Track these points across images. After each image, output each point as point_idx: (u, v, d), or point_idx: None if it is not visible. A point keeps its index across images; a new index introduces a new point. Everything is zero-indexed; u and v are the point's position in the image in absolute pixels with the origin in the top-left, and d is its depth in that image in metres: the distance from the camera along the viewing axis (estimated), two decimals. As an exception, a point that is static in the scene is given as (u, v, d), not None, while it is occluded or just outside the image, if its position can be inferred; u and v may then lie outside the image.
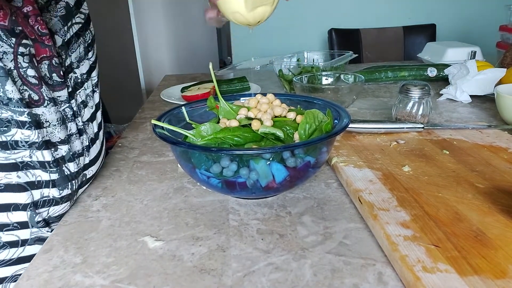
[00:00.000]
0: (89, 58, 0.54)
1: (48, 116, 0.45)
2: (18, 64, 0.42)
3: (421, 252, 0.36)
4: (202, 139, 0.47)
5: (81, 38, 0.52)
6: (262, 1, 0.46)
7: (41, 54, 0.45)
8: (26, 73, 0.43)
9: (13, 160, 0.42)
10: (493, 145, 0.61)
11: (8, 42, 0.41)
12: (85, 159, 0.52)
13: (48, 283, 0.37)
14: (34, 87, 0.44)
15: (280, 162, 0.45)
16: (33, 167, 0.44)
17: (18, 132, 0.42)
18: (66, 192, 0.48)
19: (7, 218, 0.43)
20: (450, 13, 2.22)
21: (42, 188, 0.45)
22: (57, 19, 0.48)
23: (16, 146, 0.42)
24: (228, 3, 0.46)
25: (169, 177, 0.58)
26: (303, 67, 1.08)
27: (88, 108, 0.54)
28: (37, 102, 0.44)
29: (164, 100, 1.04)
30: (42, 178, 0.45)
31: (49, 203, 0.46)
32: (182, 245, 0.42)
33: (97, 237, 0.44)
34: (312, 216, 0.46)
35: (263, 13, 0.47)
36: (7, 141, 0.42)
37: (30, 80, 0.43)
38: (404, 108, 0.73)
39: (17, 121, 0.42)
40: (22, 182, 0.43)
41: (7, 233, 0.44)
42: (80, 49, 0.52)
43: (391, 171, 0.53)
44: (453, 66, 0.96)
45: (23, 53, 0.42)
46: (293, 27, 2.18)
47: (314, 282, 0.36)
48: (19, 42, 0.42)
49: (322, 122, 0.49)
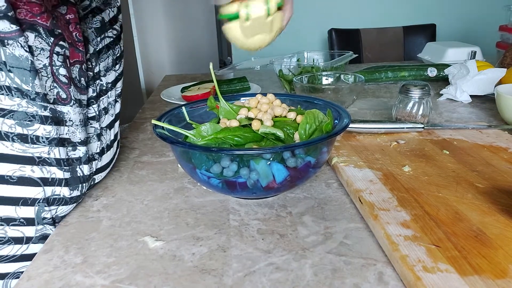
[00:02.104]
0: (116, 70, 0.58)
1: (72, 115, 0.47)
2: (52, 62, 0.45)
3: (421, 252, 0.36)
4: (203, 139, 0.47)
5: (111, 50, 0.56)
6: (260, 30, 0.48)
7: (74, 58, 0.48)
8: (58, 71, 0.45)
9: (30, 154, 0.43)
10: (493, 145, 0.61)
11: (46, 40, 0.44)
12: (97, 164, 0.53)
13: (48, 283, 0.37)
14: (64, 86, 0.46)
15: (281, 162, 0.45)
16: (49, 164, 0.45)
17: (41, 128, 0.44)
18: (76, 193, 0.48)
19: (14, 212, 0.44)
20: (450, 13, 2.22)
21: (55, 186, 0.46)
22: (91, 30, 0.52)
23: (37, 141, 0.44)
24: (229, 30, 0.48)
25: (169, 177, 0.58)
26: (303, 67, 1.08)
27: (109, 115, 0.56)
28: (64, 100, 0.46)
29: (164, 100, 1.04)
30: (57, 175, 0.46)
31: (59, 201, 0.47)
32: (183, 245, 0.42)
33: (98, 237, 0.44)
34: (313, 216, 0.46)
35: (261, 41, 0.49)
36: (28, 134, 0.43)
37: (61, 78, 0.46)
38: (404, 108, 0.73)
39: (41, 116, 0.43)
40: (35, 177, 0.44)
41: (13, 228, 0.44)
42: (109, 60, 0.56)
43: (392, 171, 0.53)
44: (453, 66, 0.96)
45: (59, 52, 0.45)
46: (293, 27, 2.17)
47: (315, 282, 0.36)
48: (57, 42, 0.45)
49: (323, 122, 0.49)
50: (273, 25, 0.48)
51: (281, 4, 0.48)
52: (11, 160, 0.43)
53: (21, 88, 0.41)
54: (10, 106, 0.41)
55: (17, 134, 0.42)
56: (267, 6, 0.45)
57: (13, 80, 0.41)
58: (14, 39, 0.40)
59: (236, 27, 0.47)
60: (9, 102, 0.41)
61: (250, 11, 0.45)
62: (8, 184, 0.43)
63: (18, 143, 0.43)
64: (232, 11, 0.46)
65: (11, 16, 0.39)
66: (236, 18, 0.46)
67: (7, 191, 0.43)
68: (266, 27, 0.48)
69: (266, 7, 0.45)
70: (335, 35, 1.86)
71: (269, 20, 0.47)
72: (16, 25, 0.40)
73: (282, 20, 0.50)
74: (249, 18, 0.46)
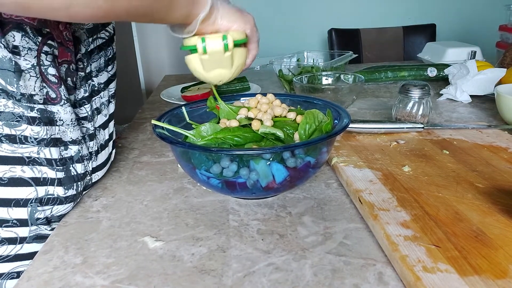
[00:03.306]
0: (108, 71, 0.57)
1: (63, 115, 0.47)
2: (41, 62, 0.44)
3: (421, 252, 0.36)
4: (202, 139, 0.47)
5: (103, 51, 0.56)
6: (219, 65, 0.49)
7: (63, 57, 0.48)
8: (47, 71, 0.45)
9: (19, 154, 0.43)
10: (493, 145, 0.61)
11: (34, 40, 0.43)
12: (92, 163, 0.53)
13: (48, 283, 0.37)
14: (53, 85, 0.46)
15: (280, 162, 0.45)
16: (39, 164, 0.45)
17: (28, 128, 0.43)
18: (71, 192, 0.48)
19: (7, 213, 0.44)
20: (450, 13, 2.22)
21: (47, 185, 0.46)
22: (83, 31, 0.52)
23: (25, 141, 0.43)
24: (189, 62, 0.50)
25: (169, 178, 0.58)
26: (303, 67, 1.08)
27: (102, 115, 0.56)
28: (54, 100, 0.46)
29: (164, 100, 1.04)
30: (48, 175, 0.46)
31: (53, 201, 0.46)
32: (182, 245, 0.42)
33: (97, 237, 0.44)
34: (312, 217, 0.46)
35: (221, 76, 0.51)
36: (16, 135, 0.43)
37: (50, 78, 0.45)
38: (404, 108, 0.73)
39: (28, 117, 0.43)
40: (26, 177, 0.44)
41: (6, 229, 0.44)
42: (101, 61, 0.56)
43: (391, 171, 0.53)
44: (453, 66, 0.96)
45: (47, 52, 0.45)
46: (293, 27, 2.18)
47: (315, 282, 0.36)
48: (45, 41, 0.44)
49: (322, 122, 0.49)
50: (234, 60, 0.49)
51: (245, 41, 0.49)
52: (1, 161, 0.42)
53: (6, 89, 0.41)
54: None
55: (5, 135, 0.42)
56: (225, 41, 0.46)
57: None
58: None
59: (196, 59, 0.48)
60: None
61: (207, 45, 0.46)
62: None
63: (7, 143, 0.42)
64: (191, 44, 0.47)
65: None
66: (196, 51, 0.47)
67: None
68: (226, 62, 0.49)
69: (224, 43, 0.46)
70: (335, 35, 1.86)
71: (227, 55, 0.47)
72: None
73: (244, 56, 0.51)
74: (206, 52, 0.47)
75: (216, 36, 0.47)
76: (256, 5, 2.07)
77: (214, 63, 0.49)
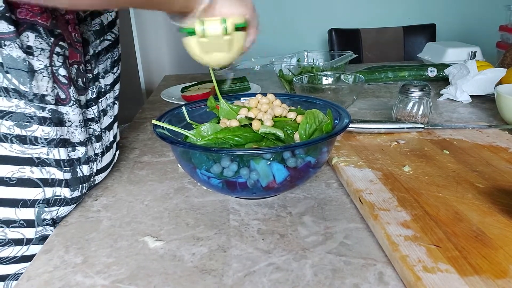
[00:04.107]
0: (114, 72, 0.58)
1: (72, 116, 0.47)
2: (53, 62, 0.44)
3: (421, 252, 0.36)
4: (203, 139, 0.47)
5: (109, 53, 0.57)
6: (218, 48, 0.48)
7: (73, 58, 0.48)
8: (58, 72, 0.45)
9: (29, 155, 0.43)
10: (493, 145, 0.61)
11: (47, 41, 0.43)
12: (97, 165, 0.53)
13: (48, 283, 0.37)
14: (63, 86, 0.46)
15: (281, 162, 0.45)
16: (48, 165, 0.45)
17: (39, 129, 0.43)
18: (77, 193, 0.48)
19: (14, 214, 0.44)
20: (450, 13, 2.22)
21: (55, 186, 0.46)
22: (91, 33, 0.52)
23: (35, 142, 0.44)
24: (188, 45, 0.49)
25: (169, 177, 0.58)
26: (303, 67, 1.08)
27: (107, 117, 0.57)
28: (63, 101, 0.46)
29: (164, 100, 1.04)
30: (56, 176, 0.46)
31: (60, 202, 0.47)
32: (183, 245, 0.42)
33: (98, 237, 0.44)
34: (313, 216, 0.46)
35: (219, 59, 0.50)
36: (26, 135, 0.43)
37: (61, 79, 0.46)
38: (404, 108, 0.73)
39: (39, 117, 0.43)
40: (35, 178, 0.44)
41: (13, 230, 0.44)
42: (108, 62, 0.56)
43: (392, 171, 0.53)
44: (453, 66, 0.96)
45: (59, 53, 0.45)
46: (293, 27, 2.18)
47: (315, 282, 0.36)
48: (57, 42, 0.45)
49: (323, 122, 0.49)
50: (233, 44, 0.49)
51: (244, 25, 0.49)
52: (10, 162, 0.43)
53: (19, 89, 0.41)
54: (8, 107, 0.41)
55: (16, 135, 0.42)
56: (224, 25, 0.46)
57: (10, 82, 0.41)
58: (12, 40, 0.40)
59: (194, 42, 0.48)
60: (7, 103, 0.41)
61: (206, 28, 0.46)
62: (8, 186, 0.43)
63: (17, 144, 0.42)
64: (190, 26, 0.47)
65: (9, 17, 0.39)
66: (194, 33, 0.47)
67: (7, 193, 0.43)
68: (225, 45, 0.48)
69: (223, 26, 0.46)
70: (335, 35, 1.86)
71: (226, 39, 0.47)
72: (13, 26, 0.40)
73: (243, 40, 0.50)
74: (205, 35, 0.46)
75: (215, 19, 0.47)
76: (256, 5, 2.07)
77: (213, 46, 0.48)
